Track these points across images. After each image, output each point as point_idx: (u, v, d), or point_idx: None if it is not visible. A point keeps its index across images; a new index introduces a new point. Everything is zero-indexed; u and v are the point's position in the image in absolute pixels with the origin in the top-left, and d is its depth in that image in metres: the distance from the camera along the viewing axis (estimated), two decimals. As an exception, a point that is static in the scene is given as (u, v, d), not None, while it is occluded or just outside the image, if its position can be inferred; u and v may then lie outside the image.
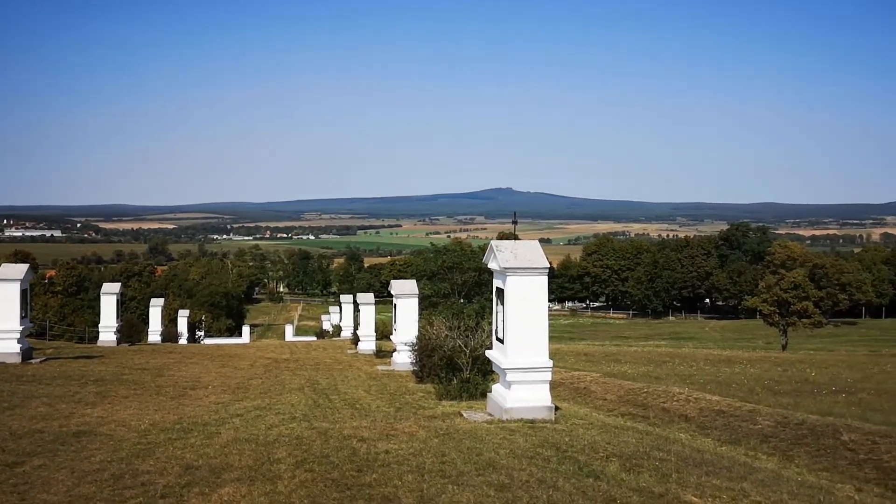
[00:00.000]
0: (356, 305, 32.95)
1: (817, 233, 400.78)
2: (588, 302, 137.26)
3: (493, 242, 11.23)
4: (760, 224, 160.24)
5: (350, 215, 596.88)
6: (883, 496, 8.64)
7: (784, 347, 52.24)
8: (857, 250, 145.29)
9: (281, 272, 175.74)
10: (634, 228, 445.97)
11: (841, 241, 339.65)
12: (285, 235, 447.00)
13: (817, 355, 38.21)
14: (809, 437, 11.25)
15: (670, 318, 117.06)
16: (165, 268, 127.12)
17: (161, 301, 36.70)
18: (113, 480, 7.36)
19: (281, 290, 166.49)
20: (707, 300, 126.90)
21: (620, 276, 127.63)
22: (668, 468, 8.04)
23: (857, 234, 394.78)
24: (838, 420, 12.17)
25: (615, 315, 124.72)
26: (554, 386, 14.26)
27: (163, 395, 14.14)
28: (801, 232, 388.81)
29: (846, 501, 7.58)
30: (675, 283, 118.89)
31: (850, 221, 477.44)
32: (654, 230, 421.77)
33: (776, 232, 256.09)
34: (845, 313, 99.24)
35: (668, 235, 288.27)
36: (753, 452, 10.83)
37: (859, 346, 56.94)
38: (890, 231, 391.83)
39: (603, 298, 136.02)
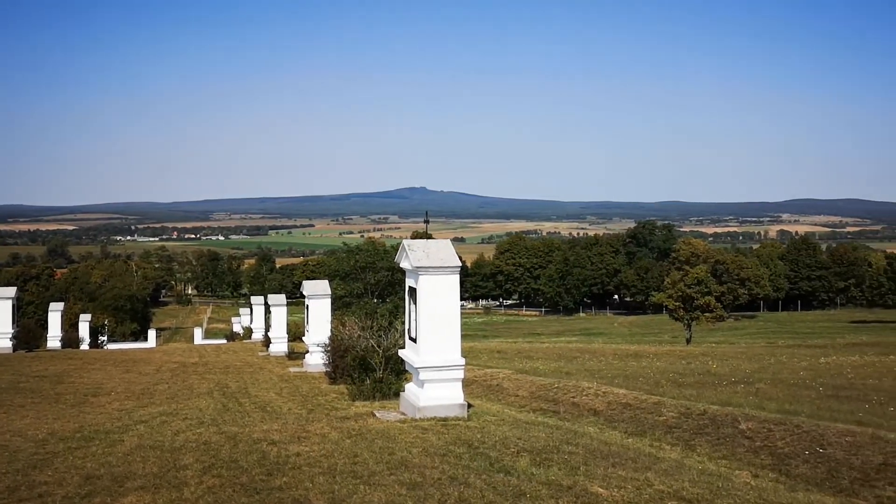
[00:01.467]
0: (267, 307, 32.44)
1: (719, 230, 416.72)
2: (502, 300, 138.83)
3: (405, 242, 11.24)
4: (666, 222, 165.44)
5: (261, 215, 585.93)
6: (777, 480, 9.06)
7: (688, 341, 54.13)
8: (755, 247, 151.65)
9: (189, 274, 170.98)
10: (546, 227, 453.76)
11: (741, 237, 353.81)
12: (193, 236, 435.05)
13: (719, 348, 39.75)
14: (710, 426, 11.68)
15: (581, 314, 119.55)
16: (66, 270, 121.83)
17: (61, 305, 35.21)
18: (8, 493, 7.02)
19: (189, 292, 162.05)
20: (616, 296, 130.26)
21: (533, 274, 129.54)
22: (576, 461, 8.22)
23: (756, 232, 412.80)
24: (737, 409, 12.67)
25: (528, 312, 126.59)
26: (467, 383, 14.36)
27: (62, 402, 13.58)
28: (704, 229, 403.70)
29: (743, 487, 7.91)
30: (586, 280, 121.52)
31: (750, 219, 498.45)
32: (565, 228, 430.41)
33: (681, 229, 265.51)
34: (745, 307, 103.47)
35: (578, 234, 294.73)
36: (658, 443, 11.18)
37: (758, 338, 59.49)
38: (785, 228, 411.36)
39: (516, 296, 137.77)
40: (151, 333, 54.92)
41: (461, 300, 11.48)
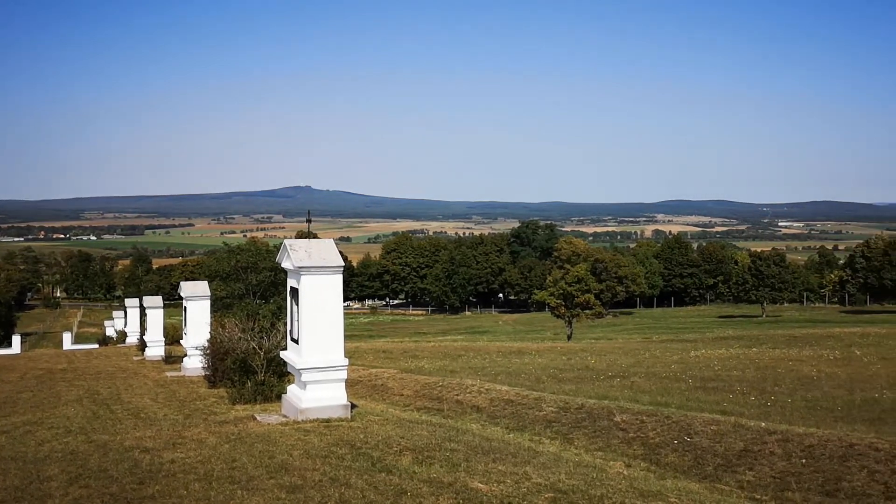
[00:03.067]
0: (143, 309, 31.16)
1: (599, 230, 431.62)
2: (388, 300, 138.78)
3: (287, 241, 11.06)
4: (549, 222, 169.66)
5: (136, 214, 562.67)
6: (648, 469, 9.47)
7: (569, 338, 55.62)
8: (632, 246, 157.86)
9: (58, 275, 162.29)
10: (433, 227, 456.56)
11: (619, 237, 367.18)
12: (63, 236, 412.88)
13: (598, 344, 41.08)
14: (587, 420, 12.07)
15: (467, 313, 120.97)
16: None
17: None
18: None
19: (58, 294, 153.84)
20: (501, 295, 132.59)
21: (419, 274, 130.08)
22: (458, 458, 8.31)
23: (633, 231, 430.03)
24: (613, 403, 13.14)
25: (414, 312, 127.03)
26: (352, 384, 14.26)
27: (-89, 415, 12.61)
28: (584, 229, 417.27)
29: (616, 476, 8.21)
30: (471, 279, 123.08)
31: (627, 219, 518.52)
32: (452, 228, 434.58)
33: (563, 229, 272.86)
34: (623, 304, 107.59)
35: (464, 233, 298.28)
36: (538, 437, 11.46)
37: (634, 333, 61.84)
38: (660, 228, 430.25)
39: (402, 296, 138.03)
40: (16, 339, 51.60)
41: (347, 300, 11.41)
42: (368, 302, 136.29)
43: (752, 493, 8.55)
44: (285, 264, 11.16)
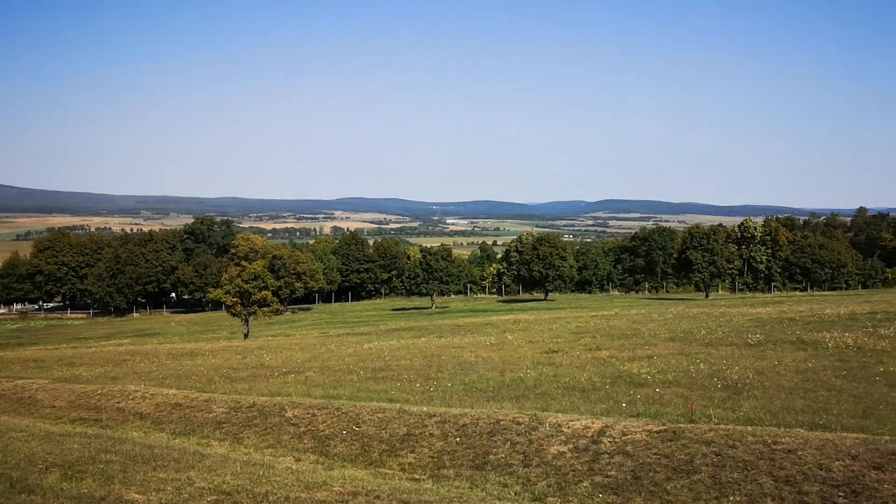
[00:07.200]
0: None
1: (278, 226, 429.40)
2: (41, 303, 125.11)
3: None
4: (226, 218, 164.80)
5: None
6: (317, 462, 9.63)
7: (246, 336, 54.64)
8: (311, 242, 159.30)
9: None
10: (95, 222, 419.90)
11: (298, 233, 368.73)
12: None
13: (275, 341, 40.92)
14: (259, 417, 11.95)
15: (135, 314, 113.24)
16: None
17: None
18: None
19: None
20: (174, 294, 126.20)
21: (79, 274, 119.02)
22: (113, 469, 7.75)
23: (312, 228, 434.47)
24: (285, 399, 13.16)
25: (73, 315, 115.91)
26: (-13, 399, 12.70)
27: None
28: (263, 225, 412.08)
29: (284, 472, 8.24)
30: (140, 278, 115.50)
31: (306, 216, 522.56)
32: (117, 224, 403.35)
33: (240, 226, 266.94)
34: (302, 300, 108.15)
35: (132, 229, 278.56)
36: (206, 440, 11.11)
37: (312, 329, 62.58)
38: (338, 224, 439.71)
39: (59, 298, 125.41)
40: None
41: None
42: (17, 306, 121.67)
43: (413, 473, 9.09)
44: None
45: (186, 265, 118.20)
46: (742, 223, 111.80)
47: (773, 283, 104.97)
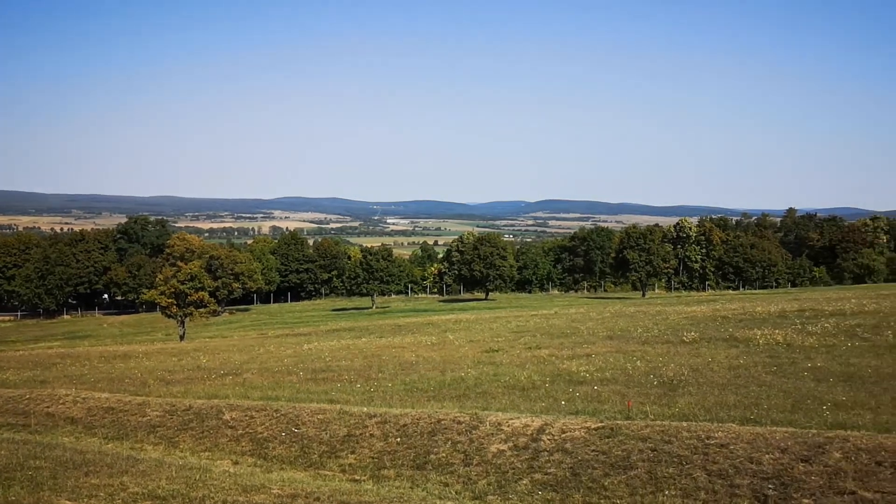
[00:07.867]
0: None
1: (215, 226, 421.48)
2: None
3: None
4: (161, 217, 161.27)
5: None
6: (255, 464, 9.50)
7: (182, 338, 53.59)
8: (249, 242, 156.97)
9: None
10: (23, 221, 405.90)
11: (236, 233, 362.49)
12: None
13: (212, 342, 40.21)
14: (195, 420, 11.72)
15: (66, 316, 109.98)
16: None
17: None
18: None
19: None
20: (106, 296, 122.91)
21: (6, 275, 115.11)
22: (43, 476, 7.51)
23: (250, 227, 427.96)
24: (222, 401, 12.94)
25: (1, 317, 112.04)
26: None
27: None
28: (200, 225, 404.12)
29: (221, 475, 8.10)
30: (71, 279, 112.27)
31: (245, 215, 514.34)
32: (47, 223, 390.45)
33: (176, 225, 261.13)
34: (240, 300, 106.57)
35: (62, 229, 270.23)
36: (140, 444, 10.86)
37: (250, 330, 61.71)
38: (277, 224, 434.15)
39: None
40: None
41: None
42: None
43: (353, 474, 9.03)
44: None
45: (119, 266, 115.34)
46: (678, 223, 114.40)
47: (707, 282, 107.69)
